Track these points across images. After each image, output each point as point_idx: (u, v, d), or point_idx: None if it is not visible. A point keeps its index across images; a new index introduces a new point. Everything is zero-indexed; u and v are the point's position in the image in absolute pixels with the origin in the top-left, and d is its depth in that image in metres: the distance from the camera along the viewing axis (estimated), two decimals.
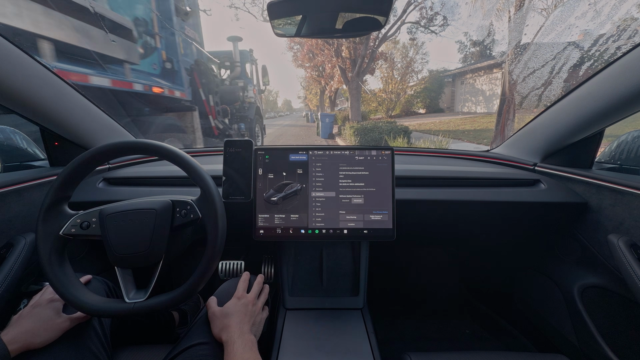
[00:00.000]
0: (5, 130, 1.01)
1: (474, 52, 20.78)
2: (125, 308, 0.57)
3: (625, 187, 0.75)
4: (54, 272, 0.57)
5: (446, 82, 19.91)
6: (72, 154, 0.67)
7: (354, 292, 0.92)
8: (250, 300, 0.68)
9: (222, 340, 0.58)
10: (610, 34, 3.15)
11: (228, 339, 0.57)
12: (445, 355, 0.73)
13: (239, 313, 0.63)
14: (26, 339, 0.54)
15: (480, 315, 1.37)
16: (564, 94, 0.87)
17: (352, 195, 0.79)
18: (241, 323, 0.61)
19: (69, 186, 0.62)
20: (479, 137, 8.48)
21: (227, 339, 0.57)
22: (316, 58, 15.04)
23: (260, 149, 0.81)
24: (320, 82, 19.40)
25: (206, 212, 0.63)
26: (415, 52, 20.83)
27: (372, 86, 22.96)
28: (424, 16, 11.09)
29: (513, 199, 0.89)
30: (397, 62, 20.70)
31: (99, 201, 0.76)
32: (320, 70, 17.01)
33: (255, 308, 0.68)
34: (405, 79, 20.80)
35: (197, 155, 1.22)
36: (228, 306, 0.66)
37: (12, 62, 0.67)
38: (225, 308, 0.65)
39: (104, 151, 0.63)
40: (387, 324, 1.27)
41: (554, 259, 1.03)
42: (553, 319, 1.02)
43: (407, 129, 8.01)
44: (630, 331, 0.82)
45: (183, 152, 0.64)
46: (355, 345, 0.73)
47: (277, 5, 0.61)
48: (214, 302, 0.68)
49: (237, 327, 0.59)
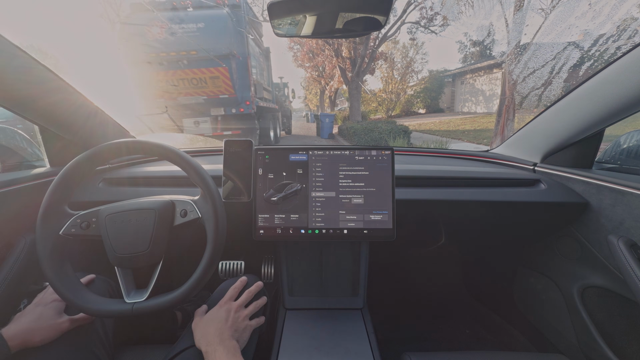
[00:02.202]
0: (5, 130, 1.01)
1: (474, 52, 20.78)
2: (124, 308, 0.57)
3: (625, 187, 0.75)
4: (54, 272, 0.57)
5: (446, 82, 19.90)
6: (72, 154, 0.67)
7: (353, 292, 0.92)
8: (234, 307, 0.66)
9: (202, 351, 0.56)
10: (610, 34, 3.15)
11: (207, 348, 0.56)
12: (445, 355, 0.73)
13: (219, 320, 0.62)
14: (25, 336, 0.54)
15: (480, 315, 1.37)
16: (564, 94, 0.87)
17: (352, 195, 0.79)
18: (220, 330, 0.59)
19: (69, 186, 0.62)
20: (479, 137, 8.47)
21: (207, 348, 0.56)
22: (316, 58, 15.06)
23: (260, 149, 0.81)
24: (320, 82, 19.42)
25: (206, 212, 0.63)
26: (415, 52, 20.86)
27: (372, 86, 22.96)
28: (424, 16, 11.10)
29: (513, 199, 0.89)
30: (397, 62, 20.74)
31: (99, 201, 0.76)
32: (320, 70, 17.02)
33: (239, 315, 0.65)
34: (405, 79, 20.81)
35: (197, 156, 1.22)
36: (209, 313, 0.65)
37: (13, 62, 0.67)
38: (206, 316, 0.64)
39: (104, 151, 0.63)
40: (387, 324, 1.27)
41: (554, 259, 1.03)
42: (553, 319, 1.02)
43: (407, 129, 8.01)
44: (630, 331, 0.82)
45: (183, 152, 0.64)
46: (355, 345, 0.73)
47: (277, 5, 0.61)
48: (201, 311, 0.67)
49: (216, 334, 0.58)
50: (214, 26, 5.18)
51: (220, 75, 5.35)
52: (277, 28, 0.68)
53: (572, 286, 0.93)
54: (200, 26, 5.15)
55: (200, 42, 5.10)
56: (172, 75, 5.36)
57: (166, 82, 5.39)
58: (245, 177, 0.81)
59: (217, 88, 5.47)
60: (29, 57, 0.70)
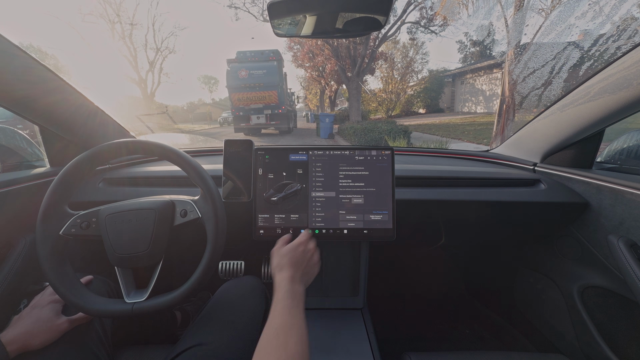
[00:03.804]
0: (5, 130, 1.01)
1: (474, 52, 20.79)
2: (124, 309, 0.57)
3: (625, 187, 0.75)
4: (54, 272, 0.57)
5: (446, 82, 19.91)
6: (72, 154, 0.67)
7: (353, 292, 0.92)
8: (311, 249, 0.68)
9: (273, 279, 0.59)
10: (610, 34, 3.15)
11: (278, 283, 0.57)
12: (445, 355, 0.73)
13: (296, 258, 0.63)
14: (25, 340, 0.54)
15: (480, 315, 1.37)
16: (564, 94, 0.87)
17: (352, 195, 0.79)
18: (295, 267, 0.61)
19: (69, 186, 0.62)
20: (479, 137, 8.47)
21: (277, 283, 0.58)
22: (316, 58, 15.08)
23: (260, 149, 0.81)
24: (320, 82, 19.43)
25: (206, 212, 0.63)
26: (415, 52, 20.87)
27: (372, 86, 22.96)
28: (424, 16, 11.11)
29: (513, 199, 0.89)
30: (397, 62, 20.75)
31: (99, 201, 0.76)
32: (320, 70, 17.04)
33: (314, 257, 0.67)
34: (405, 79, 20.83)
35: (197, 156, 1.22)
36: (288, 247, 0.66)
37: (13, 62, 0.67)
38: (285, 248, 0.66)
39: (104, 151, 0.63)
40: (387, 324, 1.27)
41: (554, 259, 1.03)
42: (553, 319, 1.02)
43: (407, 129, 8.01)
44: (630, 331, 0.82)
45: (183, 152, 0.64)
46: (355, 345, 0.73)
47: (277, 5, 0.61)
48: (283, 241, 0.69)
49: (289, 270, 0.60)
50: (269, 71, 10.63)
51: (272, 94, 10.80)
52: (277, 28, 0.68)
53: (572, 286, 0.93)
54: (263, 71, 10.61)
55: (264, 78, 10.64)
56: (249, 93, 10.81)
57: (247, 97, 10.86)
58: (245, 177, 0.81)
59: (270, 100, 10.88)
60: (29, 57, 0.69)
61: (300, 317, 0.51)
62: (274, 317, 0.50)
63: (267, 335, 0.47)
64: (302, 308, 0.54)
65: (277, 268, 0.62)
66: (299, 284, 0.59)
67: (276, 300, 0.54)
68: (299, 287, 0.58)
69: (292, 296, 0.54)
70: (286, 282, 0.57)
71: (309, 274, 0.65)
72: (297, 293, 0.56)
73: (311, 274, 0.66)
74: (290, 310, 0.51)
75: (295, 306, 0.53)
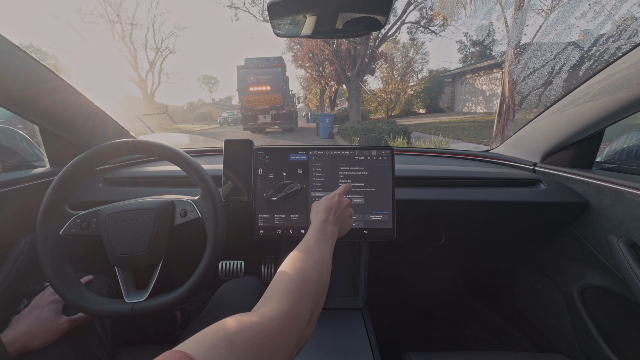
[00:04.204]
0: (5, 130, 1.01)
1: (474, 52, 20.80)
2: (124, 308, 0.57)
3: (625, 187, 0.75)
4: (54, 272, 0.57)
5: (446, 82, 19.91)
6: (72, 154, 0.67)
7: (353, 292, 0.92)
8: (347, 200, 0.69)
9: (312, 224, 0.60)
10: (610, 34, 3.14)
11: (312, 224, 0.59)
12: (445, 355, 0.73)
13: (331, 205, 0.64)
14: (25, 340, 0.54)
15: (480, 315, 1.37)
16: (564, 94, 0.87)
17: (352, 195, 0.79)
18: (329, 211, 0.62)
19: (69, 186, 0.62)
20: (479, 137, 8.47)
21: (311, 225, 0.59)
22: (316, 58, 15.10)
23: (260, 149, 0.81)
24: (320, 82, 19.43)
25: (206, 212, 0.63)
26: (415, 52, 20.86)
27: (372, 86, 22.95)
28: (423, 16, 11.11)
29: (513, 199, 0.89)
30: (397, 62, 20.74)
31: (99, 201, 0.76)
32: (320, 70, 17.06)
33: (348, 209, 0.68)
34: (405, 79, 20.82)
35: (197, 156, 1.22)
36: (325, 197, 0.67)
37: (13, 62, 0.67)
38: (323, 198, 0.67)
39: (104, 151, 0.63)
40: (387, 324, 1.27)
41: (554, 259, 1.03)
42: (553, 319, 1.02)
43: (407, 129, 8.01)
44: (630, 331, 0.82)
45: (183, 152, 0.64)
46: (355, 345, 0.73)
47: (277, 5, 0.61)
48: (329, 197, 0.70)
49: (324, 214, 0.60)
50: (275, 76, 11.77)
51: (277, 97, 11.90)
52: (277, 28, 0.68)
53: (572, 286, 0.93)
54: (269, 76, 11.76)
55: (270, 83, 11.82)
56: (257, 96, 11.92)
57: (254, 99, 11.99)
58: (245, 177, 0.81)
59: (275, 102, 12.00)
60: (29, 57, 0.69)
61: (326, 249, 0.52)
62: (299, 245, 0.51)
63: (287, 259, 0.47)
64: (329, 243, 0.54)
65: (313, 214, 0.63)
66: (332, 224, 0.60)
67: (305, 235, 0.55)
68: (331, 227, 0.59)
69: (321, 231, 0.55)
70: (319, 222, 0.58)
71: (343, 221, 0.65)
72: (327, 230, 0.57)
73: (345, 222, 0.66)
74: (316, 240, 0.52)
75: (321, 239, 0.53)
